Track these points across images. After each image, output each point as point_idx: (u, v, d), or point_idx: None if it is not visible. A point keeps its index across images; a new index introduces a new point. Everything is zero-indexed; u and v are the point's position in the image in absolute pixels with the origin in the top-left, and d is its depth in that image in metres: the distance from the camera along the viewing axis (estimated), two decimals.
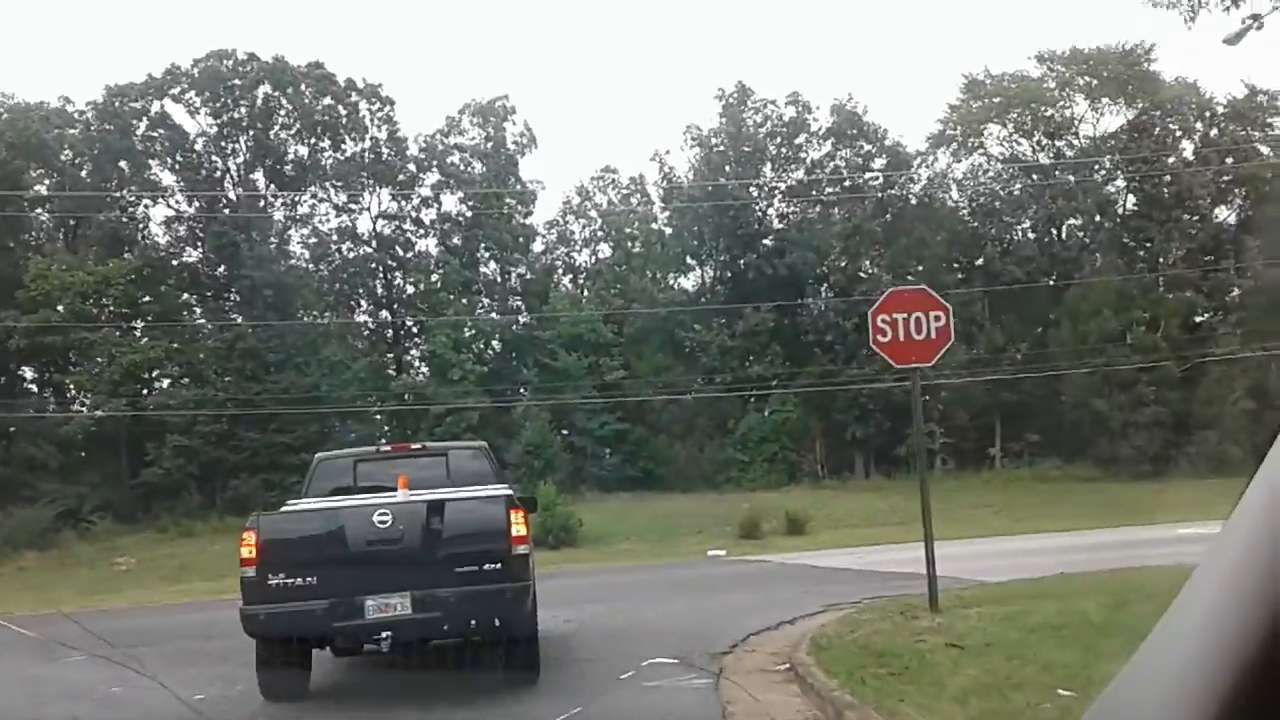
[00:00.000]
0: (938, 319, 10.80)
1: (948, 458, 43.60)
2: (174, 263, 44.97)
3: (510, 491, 9.68)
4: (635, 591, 17.81)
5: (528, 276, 48.53)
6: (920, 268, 44.88)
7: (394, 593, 8.26)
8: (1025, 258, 45.63)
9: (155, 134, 44.36)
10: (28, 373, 43.42)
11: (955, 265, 47.39)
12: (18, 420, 39.52)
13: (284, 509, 10.11)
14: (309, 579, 8.19)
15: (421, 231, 48.60)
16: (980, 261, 47.49)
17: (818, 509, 35.71)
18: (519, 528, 8.58)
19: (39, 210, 44.38)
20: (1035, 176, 48.23)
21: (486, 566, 8.34)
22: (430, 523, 8.39)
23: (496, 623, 8.49)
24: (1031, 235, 48.12)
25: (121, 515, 37.88)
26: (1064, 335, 42.11)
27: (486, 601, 8.31)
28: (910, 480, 41.72)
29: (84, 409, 40.49)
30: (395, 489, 9.39)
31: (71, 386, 40.52)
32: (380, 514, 8.40)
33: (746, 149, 46.99)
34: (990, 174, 50.00)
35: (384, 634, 8.19)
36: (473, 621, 8.43)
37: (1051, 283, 44.56)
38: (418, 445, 12.72)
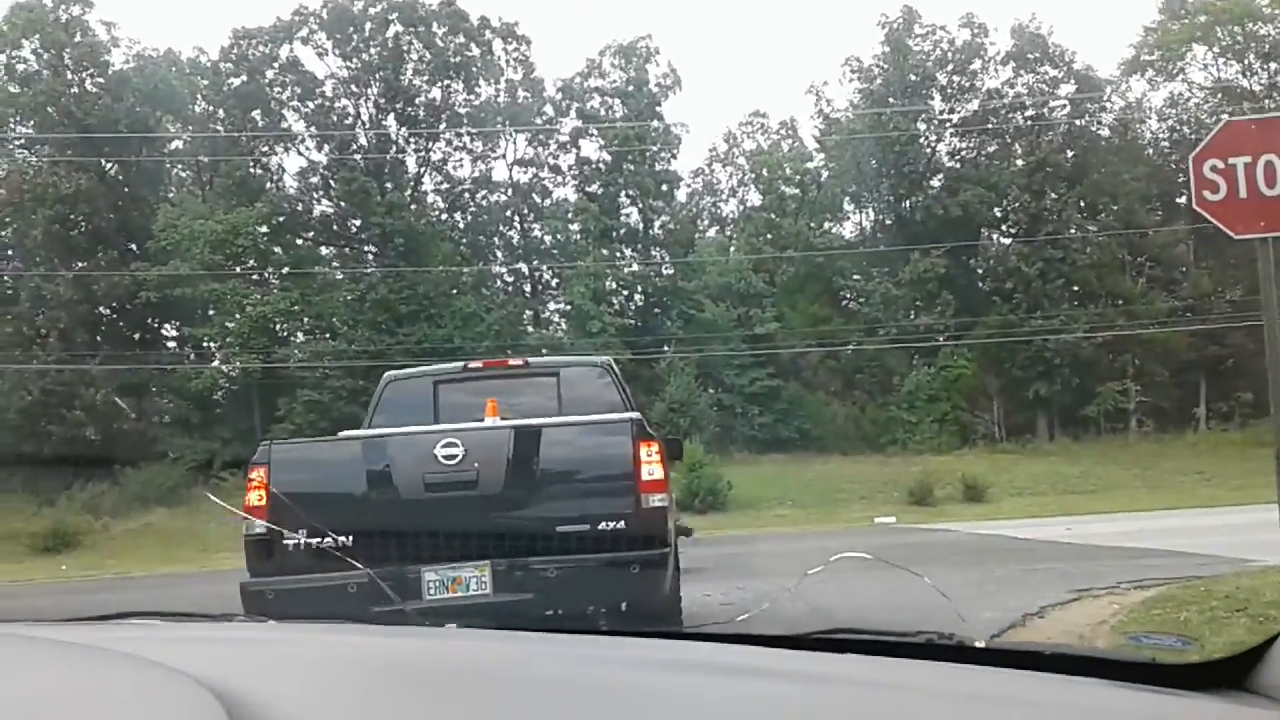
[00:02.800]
0: None
1: (1145, 418, 39.09)
2: (305, 212, 43.56)
3: (640, 417, 6.73)
4: (802, 564, 14.39)
5: (671, 225, 45.55)
6: (1115, 205, 40.06)
7: (466, 563, 5.93)
8: None
9: (285, 79, 42.79)
10: (160, 326, 42.53)
11: (1154, 203, 42.23)
12: (149, 374, 38.57)
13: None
14: (341, 539, 5.68)
15: (559, 178, 46.49)
16: (1183, 199, 42.13)
17: (996, 474, 32.64)
18: (653, 468, 6.06)
19: (171, 161, 43.39)
20: (1246, 104, 42.42)
21: (605, 525, 5.94)
22: (520, 460, 6.00)
23: (622, 608, 5.93)
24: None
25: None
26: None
27: (605, 577, 5.90)
28: (1101, 444, 37.97)
29: (215, 362, 39.28)
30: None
31: (203, 339, 39.33)
32: (447, 445, 5.98)
33: (913, 79, 42.86)
34: (1193, 102, 44.43)
35: (449, 625, 4.91)
36: (585, 606, 5.93)
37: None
38: (518, 361, 8.99)
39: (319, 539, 5.70)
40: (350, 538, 5.71)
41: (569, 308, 42.45)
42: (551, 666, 1.29)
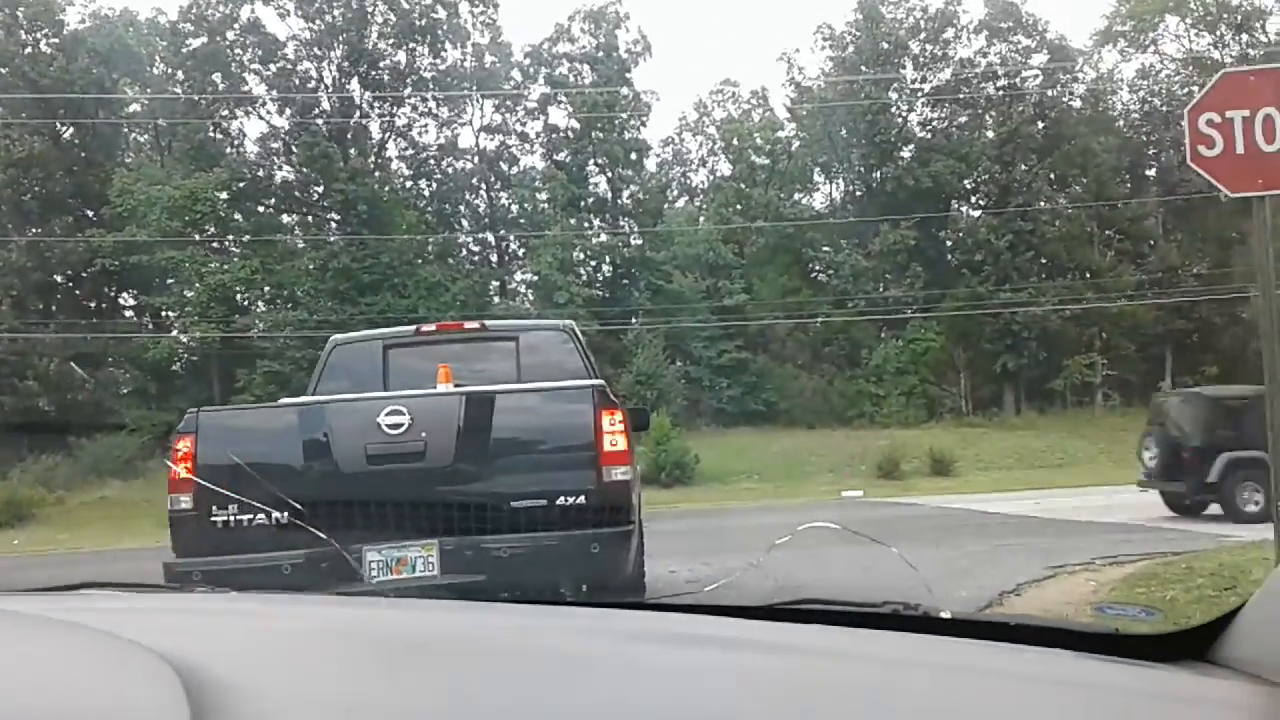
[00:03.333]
0: None
1: (1111, 391, 39.12)
2: (266, 178, 42.65)
3: (603, 383, 6.29)
4: (770, 539, 14.15)
5: (640, 194, 44.99)
6: (1086, 178, 39.85)
7: (412, 542, 5.46)
8: None
9: (246, 41, 41.70)
10: (117, 294, 41.61)
11: (1125, 176, 42.09)
12: (105, 343, 37.71)
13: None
14: (275, 516, 5.31)
15: (527, 146, 45.89)
16: (1153, 172, 42.12)
17: (964, 448, 32.58)
18: (616, 439, 5.65)
19: (128, 124, 42.30)
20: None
21: (564, 500, 5.53)
22: (472, 430, 5.56)
23: (583, 589, 5.40)
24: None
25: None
26: (1251, 253, 36.51)
27: (564, 556, 5.43)
28: (1067, 418, 37.97)
29: (174, 332, 38.48)
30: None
31: (161, 308, 38.48)
32: (391, 414, 5.53)
33: (885, 47, 42.40)
34: (1165, 74, 44.25)
35: None
36: (542, 588, 5.41)
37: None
38: (474, 324, 8.25)
39: (251, 515, 5.35)
40: (285, 514, 5.34)
41: (536, 278, 41.85)
42: (514, 637, 1.25)
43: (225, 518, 5.39)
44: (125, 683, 0.91)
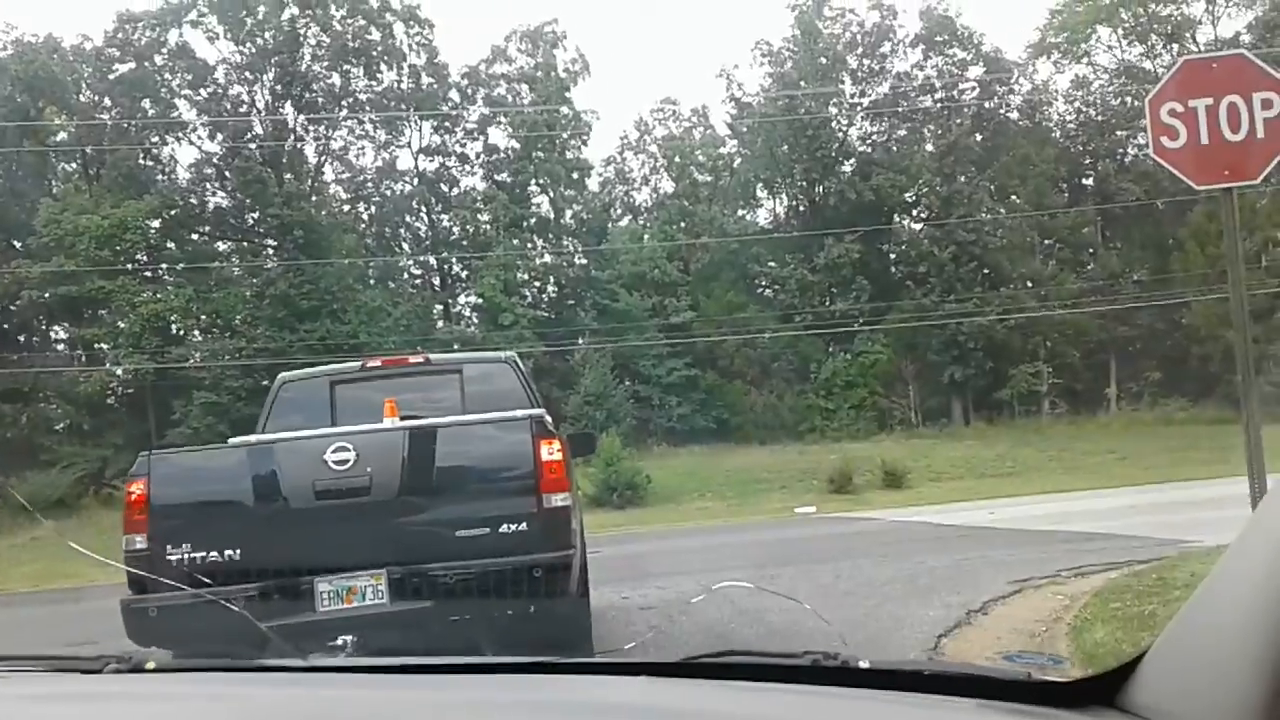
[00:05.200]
0: (1268, 105, 6.31)
1: (1058, 400, 39.43)
2: (199, 204, 41.74)
3: (542, 413, 6.60)
4: (727, 560, 14.01)
5: (583, 214, 44.70)
6: (1025, 188, 40.21)
7: (361, 572, 5.65)
8: (1143, 174, 40.44)
9: (175, 66, 40.90)
10: (47, 327, 40.41)
11: (1063, 185, 42.58)
12: (33, 377, 36.47)
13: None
14: (228, 553, 5.56)
15: (467, 167, 45.38)
16: (1090, 181, 42.65)
17: (915, 460, 32.44)
18: (554, 467, 5.86)
19: (55, 153, 41.16)
20: (1149, 86, 42.95)
21: (506, 528, 5.73)
22: (415, 463, 5.80)
23: (530, 610, 5.68)
24: (1148, 150, 42.95)
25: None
26: (1189, 260, 37.14)
27: (507, 581, 5.64)
28: (1015, 427, 38.17)
29: (105, 365, 37.34)
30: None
31: (93, 340, 37.34)
32: (337, 450, 5.73)
33: (823, 62, 42.45)
34: (1098, 85, 44.91)
35: (344, 638, 4.83)
36: (488, 612, 5.70)
37: (1173, 201, 39.46)
38: (419, 358, 8.52)
39: (204, 553, 5.54)
40: (238, 550, 5.58)
41: (480, 300, 41.21)
42: (435, 715, 1.24)
43: (179, 555, 5.54)
44: None
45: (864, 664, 1.37)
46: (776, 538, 18.06)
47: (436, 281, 45.32)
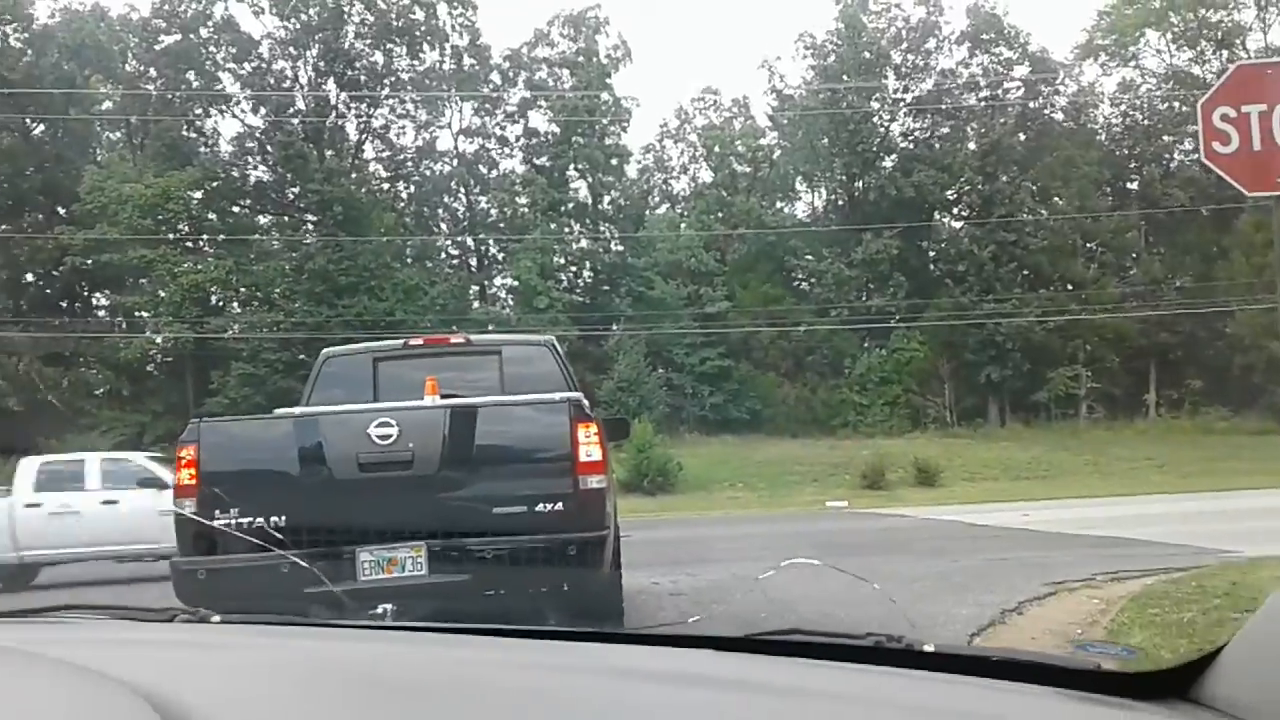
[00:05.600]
0: None
1: (1095, 405, 39.01)
2: (240, 177, 41.91)
3: (580, 397, 6.71)
4: (757, 550, 13.88)
5: (621, 200, 44.59)
6: (1068, 189, 39.85)
7: (401, 543, 5.86)
8: (1188, 180, 40.02)
9: (220, 39, 41.01)
10: (89, 293, 40.72)
11: (1107, 188, 42.15)
12: (76, 343, 36.77)
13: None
14: (273, 519, 5.66)
15: (506, 150, 45.40)
16: (1135, 185, 42.21)
17: (948, 459, 32.34)
18: (591, 449, 6.02)
19: (99, 122, 41.43)
20: (1198, 92, 42.47)
21: (542, 507, 5.87)
22: (456, 440, 5.94)
23: (564, 587, 5.87)
24: (1195, 156, 42.45)
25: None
26: (1234, 268, 36.77)
27: (542, 558, 5.83)
28: (1052, 430, 37.88)
29: (145, 332, 37.60)
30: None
31: (134, 308, 37.60)
32: (381, 425, 5.91)
33: (867, 57, 42.24)
34: (1145, 89, 44.41)
35: (383, 606, 4.50)
36: (522, 587, 5.90)
37: (1218, 208, 39.03)
38: (459, 338, 8.75)
39: (250, 519, 5.63)
40: (283, 518, 5.66)
41: (516, 283, 41.27)
42: (496, 673, 1.26)
43: (227, 520, 5.64)
44: None
45: (929, 648, 1.36)
46: (807, 530, 18.00)
47: (473, 262, 45.39)
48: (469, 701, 1.10)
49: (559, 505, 5.88)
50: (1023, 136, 41.81)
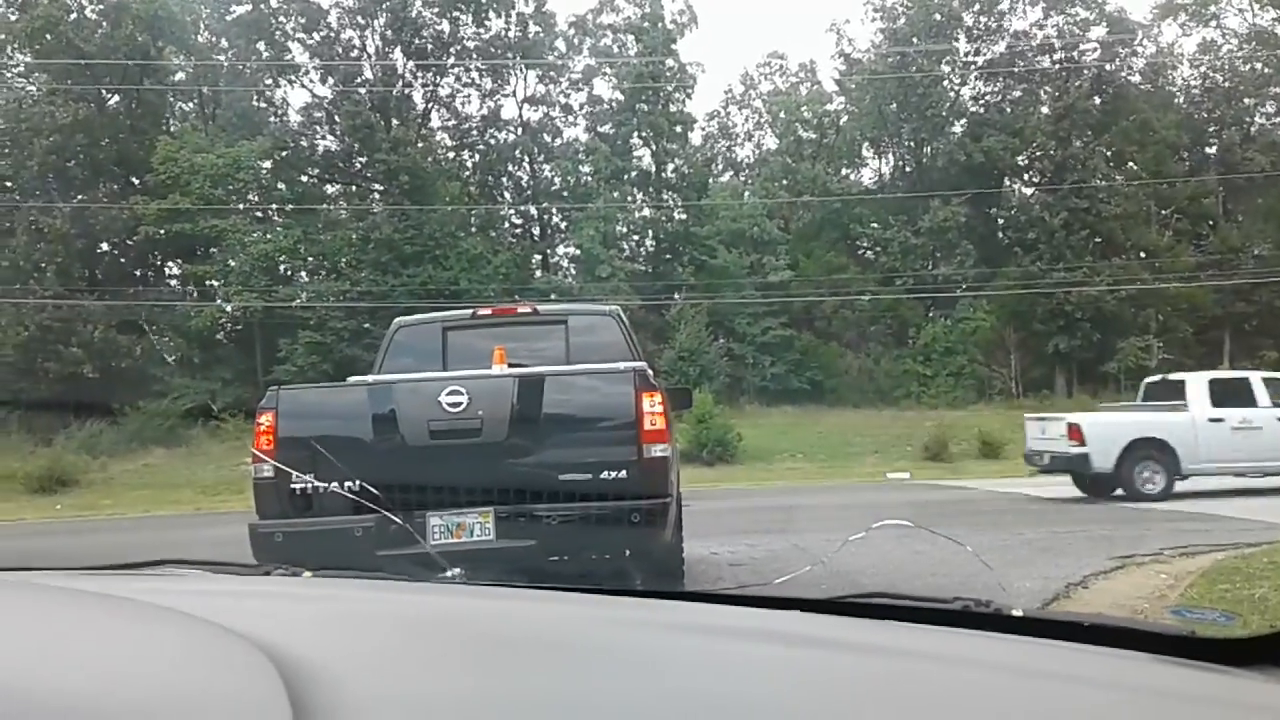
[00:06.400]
0: None
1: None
2: (309, 147, 42.49)
3: (644, 366, 6.81)
4: (817, 521, 13.85)
5: (684, 169, 44.30)
6: (1144, 155, 38.74)
7: (470, 509, 6.01)
8: (1270, 144, 38.77)
9: (289, 9, 41.46)
10: (161, 263, 41.60)
11: (1184, 153, 40.91)
12: (149, 311, 37.69)
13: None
14: (347, 484, 5.81)
15: (570, 118, 45.28)
16: (1214, 150, 40.89)
17: (1014, 431, 31.10)
18: (655, 418, 6.10)
19: (172, 92, 42.16)
20: None
21: (607, 474, 6.00)
22: (523, 408, 6.09)
23: (626, 553, 6.02)
24: (1278, 119, 41.06)
25: (254, 414, 35.75)
26: None
27: (606, 525, 5.95)
28: (1122, 401, 36.92)
29: (215, 301, 38.41)
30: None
31: (204, 277, 38.43)
32: (451, 393, 6.05)
33: (938, 19, 41.43)
34: (1227, 49, 42.89)
35: (453, 570, 4.55)
36: (587, 553, 6.09)
37: None
38: (526, 308, 8.93)
39: (326, 483, 5.82)
40: (356, 482, 5.78)
41: (578, 251, 41.36)
42: (588, 628, 1.27)
43: (302, 485, 5.88)
44: (225, 673, 0.92)
45: (1017, 612, 1.35)
46: (869, 500, 17.84)
47: (536, 231, 45.52)
48: (561, 653, 1.12)
49: (623, 472, 6.01)
50: (1098, 100, 40.67)
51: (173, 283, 41.17)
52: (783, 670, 1.08)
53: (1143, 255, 39.55)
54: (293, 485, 5.92)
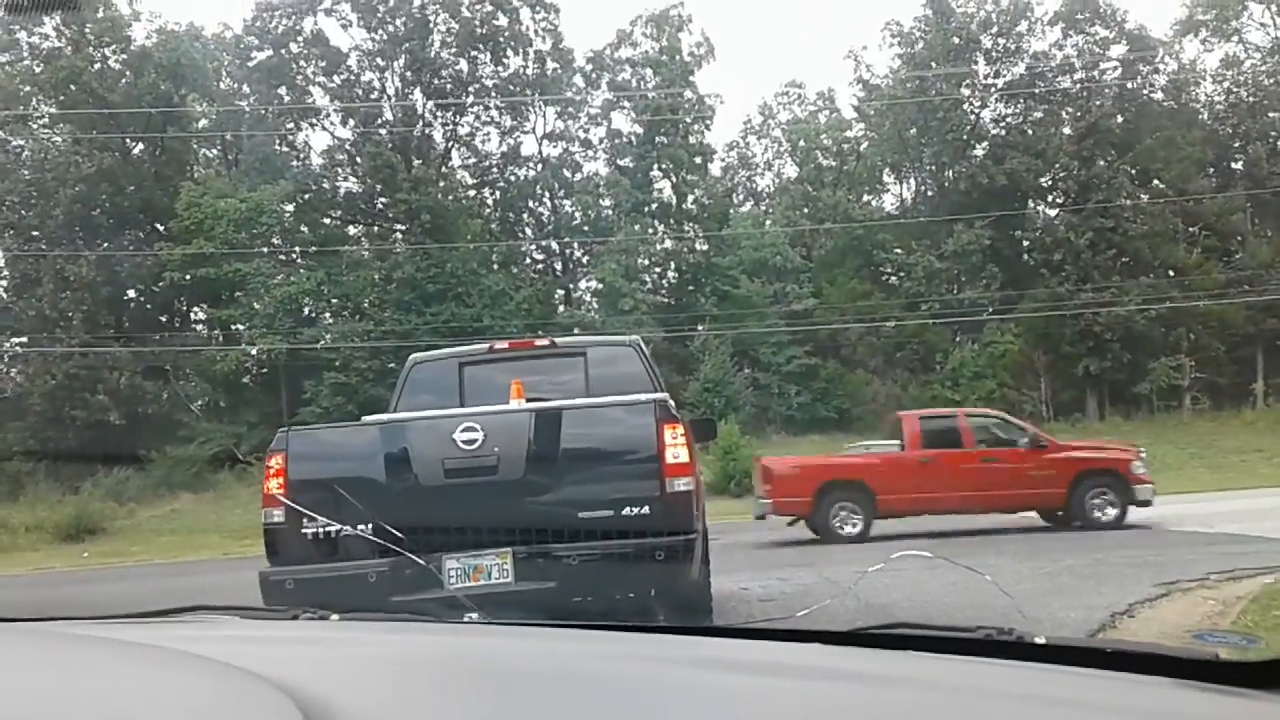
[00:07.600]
0: None
1: (1200, 395, 37.46)
2: (331, 189, 42.86)
3: (666, 397, 6.50)
4: (848, 553, 13.54)
5: (705, 199, 44.30)
6: (1169, 172, 38.34)
7: (487, 551, 5.80)
8: None
9: (310, 53, 41.96)
10: (186, 308, 41.98)
11: (1210, 169, 40.44)
12: (174, 357, 37.91)
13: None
14: (360, 527, 5.69)
15: (590, 152, 45.47)
16: (1240, 165, 40.45)
17: None
18: (678, 451, 5.85)
19: (195, 139, 42.65)
20: None
21: (629, 511, 5.77)
22: (541, 444, 5.89)
23: (651, 592, 5.79)
24: None
25: None
26: None
27: (630, 564, 5.74)
28: (1154, 422, 36.52)
29: (240, 345, 38.61)
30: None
31: (230, 321, 38.65)
32: (466, 430, 5.84)
33: (956, 42, 41.23)
34: (1250, 64, 42.54)
35: (469, 616, 4.84)
36: (610, 594, 5.79)
37: None
38: (544, 341, 8.68)
39: (337, 527, 5.68)
40: (370, 526, 5.65)
41: (600, 285, 41.28)
42: (613, 665, 1.28)
43: (315, 530, 5.71)
44: (251, 718, 0.94)
45: (1040, 640, 1.33)
46: (896, 529, 17.58)
47: (558, 266, 45.57)
48: (588, 691, 1.11)
49: (646, 508, 5.79)
50: (1121, 118, 40.35)
51: (198, 327, 41.54)
52: (804, 703, 1.08)
53: (1171, 273, 39.02)
54: (304, 529, 5.75)
